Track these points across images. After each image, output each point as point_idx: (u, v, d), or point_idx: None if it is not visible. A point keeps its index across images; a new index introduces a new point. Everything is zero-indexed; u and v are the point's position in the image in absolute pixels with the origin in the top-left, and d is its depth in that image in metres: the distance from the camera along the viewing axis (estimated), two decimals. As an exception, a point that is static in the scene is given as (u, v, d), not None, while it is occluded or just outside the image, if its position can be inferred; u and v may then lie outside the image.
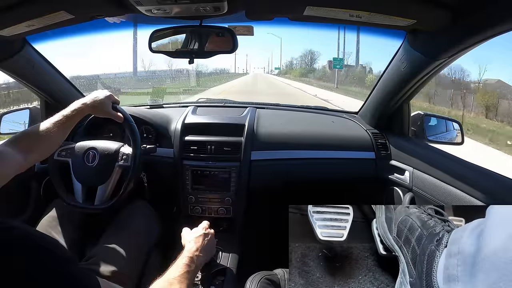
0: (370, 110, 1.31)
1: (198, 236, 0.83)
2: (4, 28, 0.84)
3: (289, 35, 66.42)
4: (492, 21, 0.68)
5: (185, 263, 0.71)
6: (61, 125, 0.82)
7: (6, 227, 0.43)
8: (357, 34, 15.36)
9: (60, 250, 0.48)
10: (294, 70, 40.16)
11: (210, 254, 0.86)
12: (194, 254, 0.76)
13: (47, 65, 1.19)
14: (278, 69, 45.44)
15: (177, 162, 1.21)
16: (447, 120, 1.32)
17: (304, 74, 34.00)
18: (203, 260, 0.79)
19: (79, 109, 0.86)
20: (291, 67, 43.12)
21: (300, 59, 41.54)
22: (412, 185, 1.07)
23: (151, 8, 0.76)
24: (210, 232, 0.88)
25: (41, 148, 0.80)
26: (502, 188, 0.80)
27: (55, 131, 0.81)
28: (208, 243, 0.84)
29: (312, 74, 33.00)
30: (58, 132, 0.82)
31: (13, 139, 0.75)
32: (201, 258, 0.77)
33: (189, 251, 0.77)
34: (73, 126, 0.87)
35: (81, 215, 1.07)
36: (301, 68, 39.44)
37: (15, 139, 0.75)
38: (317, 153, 1.23)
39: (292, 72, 38.70)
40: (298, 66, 41.27)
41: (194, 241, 0.81)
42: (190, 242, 0.81)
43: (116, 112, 0.96)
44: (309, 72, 34.78)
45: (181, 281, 0.66)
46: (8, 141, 0.74)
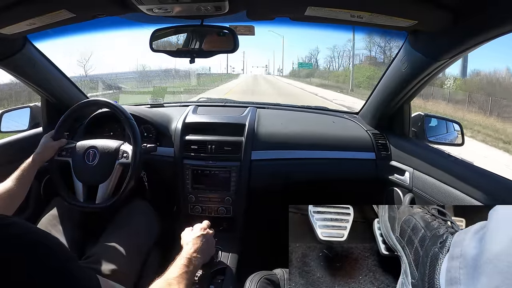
0: (370, 110, 1.31)
1: (196, 238, 0.83)
2: (5, 26, 0.83)
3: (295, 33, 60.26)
4: (493, 22, 0.68)
5: (183, 263, 0.72)
6: (18, 180, 0.91)
7: (6, 223, 0.43)
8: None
9: (60, 248, 0.47)
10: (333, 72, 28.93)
11: (208, 255, 0.86)
12: (192, 255, 0.77)
13: (48, 64, 1.19)
14: (308, 66, 32.89)
15: (177, 161, 1.21)
16: (447, 121, 1.32)
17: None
18: (201, 261, 0.79)
19: (31, 165, 0.96)
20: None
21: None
22: (412, 186, 1.07)
23: (153, 7, 0.76)
24: (209, 233, 0.88)
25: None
26: (502, 189, 0.80)
27: (14, 187, 0.90)
28: (206, 244, 0.84)
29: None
30: (17, 187, 0.90)
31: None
32: (199, 259, 0.78)
33: (187, 253, 0.77)
34: (30, 180, 0.96)
35: (81, 214, 1.07)
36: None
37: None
38: (318, 153, 1.23)
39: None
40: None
41: (192, 242, 0.82)
42: (188, 244, 0.81)
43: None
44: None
45: (180, 281, 0.66)
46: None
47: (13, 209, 0.89)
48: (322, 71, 31.49)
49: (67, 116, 1.08)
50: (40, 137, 1.06)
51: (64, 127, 1.08)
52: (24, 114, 1.33)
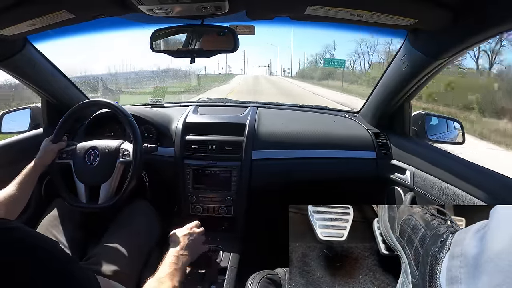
0: (371, 109, 1.31)
1: (182, 236, 0.86)
2: (5, 27, 0.83)
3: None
4: (492, 21, 0.68)
5: (171, 261, 0.75)
6: (20, 185, 0.92)
7: (7, 227, 0.43)
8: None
9: (61, 251, 0.48)
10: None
11: (195, 252, 0.88)
12: (179, 253, 0.80)
13: (48, 65, 1.19)
14: (340, 65, 18.40)
15: (178, 161, 1.21)
16: (448, 119, 1.32)
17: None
18: (188, 258, 0.82)
19: (32, 170, 0.97)
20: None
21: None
22: (413, 185, 1.06)
23: (153, 8, 0.76)
24: (195, 232, 0.90)
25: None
26: (503, 188, 0.80)
27: (16, 192, 0.90)
28: (193, 242, 0.87)
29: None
30: (20, 192, 0.91)
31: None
32: (186, 257, 0.81)
33: (174, 251, 0.80)
34: (32, 185, 0.97)
35: (82, 215, 1.07)
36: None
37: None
38: (318, 153, 1.23)
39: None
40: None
41: (178, 240, 0.84)
42: (175, 242, 0.84)
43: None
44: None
45: (171, 278, 0.70)
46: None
47: (15, 214, 0.90)
48: (346, 72, 22.87)
49: (67, 117, 1.08)
50: (40, 138, 1.07)
51: (64, 129, 1.08)
52: (25, 115, 1.33)
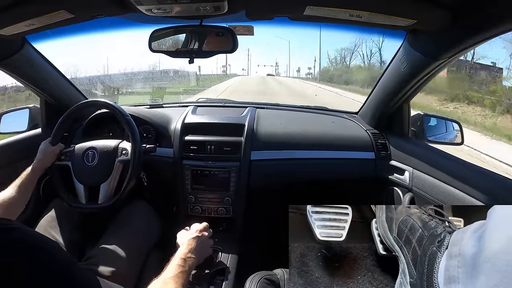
0: (370, 110, 1.31)
1: (191, 239, 0.84)
2: (4, 27, 0.83)
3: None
4: (491, 21, 0.68)
5: (178, 263, 0.74)
6: (19, 188, 0.92)
7: (7, 228, 0.43)
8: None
9: (61, 252, 0.48)
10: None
11: (202, 256, 0.86)
12: (187, 256, 0.78)
13: (47, 64, 1.19)
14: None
15: (177, 162, 1.21)
16: (447, 120, 1.32)
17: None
18: (195, 261, 0.80)
19: (31, 173, 0.97)
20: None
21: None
22: (412, 185, 1.07)
23: (152, 8, 0.76)
24: (204, 235, 0.88)
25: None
26: (502, 188, 0.80)
27: (15, 195, 0.91)
28: (201, 245, 0.85)
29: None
30: (19, 195, 0.91)
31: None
32: (193, 260, 0.79)
33: (182, 253, 0.79)
34: (32, 188, 0.97)
35: (80, 215, 1.07)
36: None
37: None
38: (317, 153, 1.23)
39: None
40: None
41: (187, 243, 0.83)
42: (183, 244, 0.83)
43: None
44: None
45: (177, 280, 0.68)
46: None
47: (14, 216, 0.90)
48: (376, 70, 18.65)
49: (66, 118, 1.08)
50: (38, 138, 1.06)
51: (62, 130, 1.08)
52: (23, 115, 1.33)
